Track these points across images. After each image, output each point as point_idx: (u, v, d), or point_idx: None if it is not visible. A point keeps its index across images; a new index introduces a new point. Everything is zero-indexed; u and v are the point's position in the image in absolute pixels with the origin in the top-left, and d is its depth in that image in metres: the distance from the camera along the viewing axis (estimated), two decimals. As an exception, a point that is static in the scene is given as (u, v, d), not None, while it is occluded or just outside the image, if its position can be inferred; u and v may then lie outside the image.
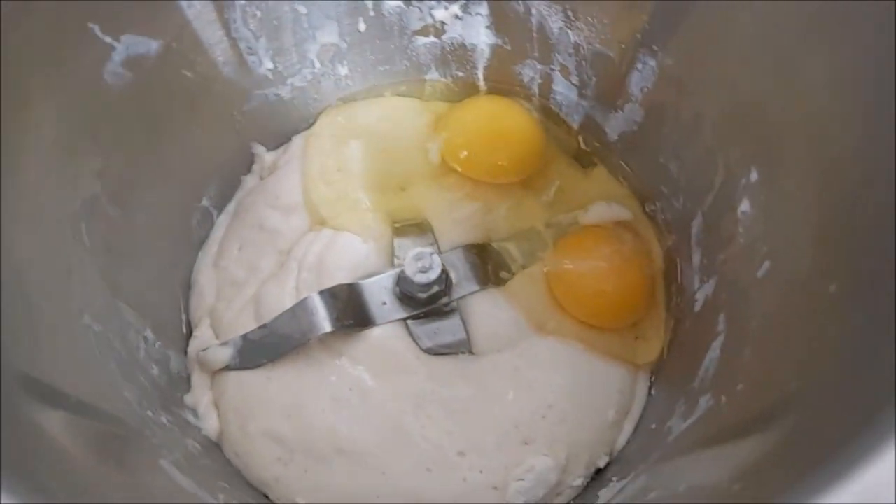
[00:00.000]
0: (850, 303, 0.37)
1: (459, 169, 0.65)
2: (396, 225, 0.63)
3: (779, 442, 0.35)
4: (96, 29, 0.48)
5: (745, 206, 0.51)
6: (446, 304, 0.60)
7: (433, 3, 0.62)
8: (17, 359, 0.37)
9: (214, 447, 0.56)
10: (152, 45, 0.52)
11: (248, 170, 0.67)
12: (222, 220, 0.65)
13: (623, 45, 0.58)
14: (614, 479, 0.54)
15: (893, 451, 0.26)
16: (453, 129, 0.67)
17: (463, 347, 0.59)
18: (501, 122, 0.67)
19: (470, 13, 0.63)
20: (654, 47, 0.56)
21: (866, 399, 0.30)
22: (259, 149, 0.67)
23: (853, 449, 0.28)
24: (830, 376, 0.35)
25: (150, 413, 0.50)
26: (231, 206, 0.66)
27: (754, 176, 0.50)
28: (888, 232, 0.36)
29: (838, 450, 0.28)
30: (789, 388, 0.38)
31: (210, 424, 0.57)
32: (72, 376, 0.43)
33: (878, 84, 0.38)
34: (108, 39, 0.49)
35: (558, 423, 0.55)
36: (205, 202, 0.64)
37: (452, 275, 0.60)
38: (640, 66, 0.58)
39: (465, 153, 0.65)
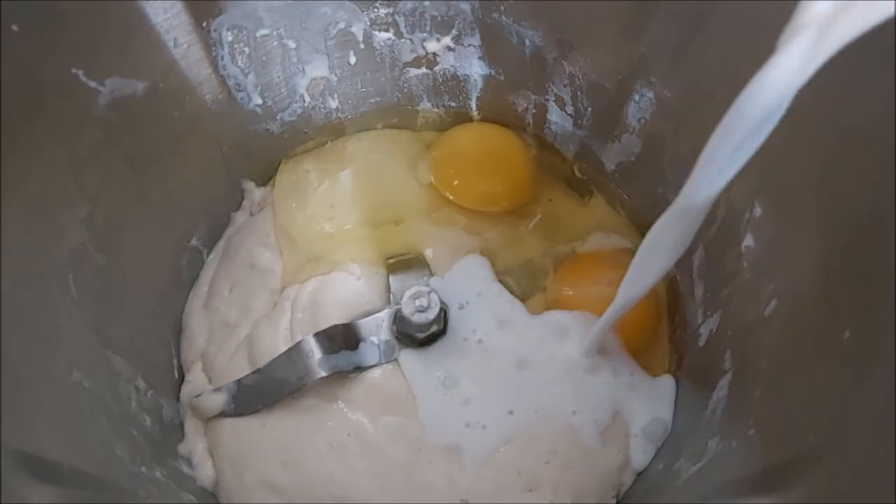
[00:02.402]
0: (867, 354, 0.36)
1: (450, 196, 0.64)
2: (390, 260, 0.62)
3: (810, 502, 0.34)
4: (80, 74, 0.46)
5: (748, 240, 0.50)
6: (444, 342, 0.58)
7: (425, 34, 0.61)
8: (6, 434, 0.35)
9: (210, 498, 0.55)
10: (138, 87, 0.51)
11: (238, 206, 0.66)
12: (212, 260, 0.64)
13: (620, 77, 0.57)
14: (622, 523, 0.53)
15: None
16: (443, 154, 0.66)
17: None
18: (492, 149, 0.67)
19: (462, 44, 0.62)
20: (652, 79, 0.55)
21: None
22: (248, 185, 0.66)
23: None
24: (854, 434, 0.34)
25: (143, 469, 0.48)
26: (221, 245, 0.65)
27: (758, 211, 0.49)
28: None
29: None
30: (808, 442, 0.37)
31: (205, 474, 0.55)
32: (62, 442, 0.41)
33: (884, 117, 0.37)
34: (92, 84, 0.47)
35: (563, 469, 0.53)
36: (194, 242, 0.62)
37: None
38: (637, 97, 0.57)
39: (457, 181, 0.64)
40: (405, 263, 0.62)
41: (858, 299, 0.38)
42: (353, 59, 0.63)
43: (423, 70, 0.64)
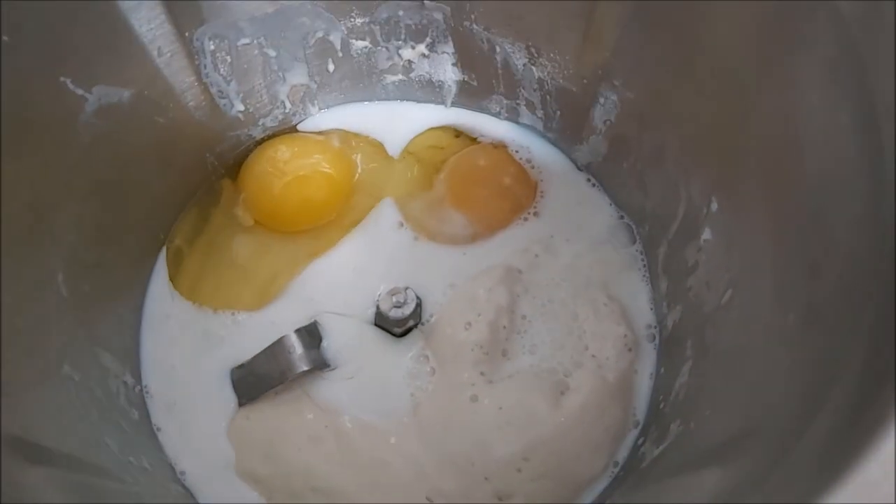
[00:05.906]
0: (806, 334, 0.38)
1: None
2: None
3: (750, 471, 0.36)
4: (68, 82, 0.48)
5: (707, 234, 0.53)
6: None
7: (400, 42, 0.64)
8: (4, 420, 0.37)
9: (195, 489, 0.57)
10: (124, 94, 0.53)
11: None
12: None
13: (585, 81, 0.59)
14: (589, 506, 0.55)
15: (854, 483, 0.28)
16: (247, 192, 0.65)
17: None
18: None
19: (436, 52, 0.64)
20: (616, 82, 0.57)
21: (825, 433, 0.31)
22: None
23: (816, 482, 0.29)
24: (790, 407, 0.36)
25: (131, 459, 0.50)
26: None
27: (715, 206, 0.52)
28: (841, 264, 0.38)
29: (803, 483, 0.30)
30: (754, 416, 0.40)
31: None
32: (54, 429, 0.43)
33: (830, 116, 0.40)
34: (79, 91, 0.49)
35: (537, 479, 0.54)
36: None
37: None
38: (602, 100, 0.59)
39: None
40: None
41: (800, 285, 0.41)
42: (331, 67, 0.65)
43: (400, 76, 0.67)
